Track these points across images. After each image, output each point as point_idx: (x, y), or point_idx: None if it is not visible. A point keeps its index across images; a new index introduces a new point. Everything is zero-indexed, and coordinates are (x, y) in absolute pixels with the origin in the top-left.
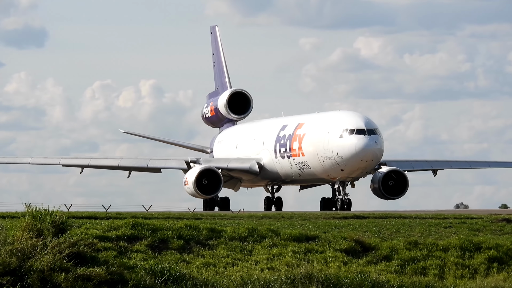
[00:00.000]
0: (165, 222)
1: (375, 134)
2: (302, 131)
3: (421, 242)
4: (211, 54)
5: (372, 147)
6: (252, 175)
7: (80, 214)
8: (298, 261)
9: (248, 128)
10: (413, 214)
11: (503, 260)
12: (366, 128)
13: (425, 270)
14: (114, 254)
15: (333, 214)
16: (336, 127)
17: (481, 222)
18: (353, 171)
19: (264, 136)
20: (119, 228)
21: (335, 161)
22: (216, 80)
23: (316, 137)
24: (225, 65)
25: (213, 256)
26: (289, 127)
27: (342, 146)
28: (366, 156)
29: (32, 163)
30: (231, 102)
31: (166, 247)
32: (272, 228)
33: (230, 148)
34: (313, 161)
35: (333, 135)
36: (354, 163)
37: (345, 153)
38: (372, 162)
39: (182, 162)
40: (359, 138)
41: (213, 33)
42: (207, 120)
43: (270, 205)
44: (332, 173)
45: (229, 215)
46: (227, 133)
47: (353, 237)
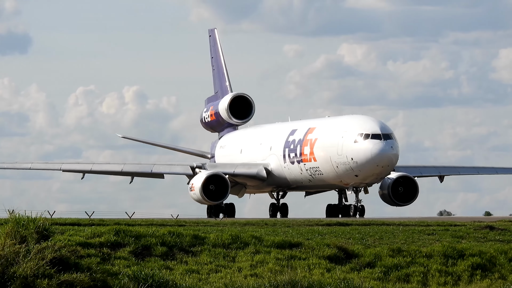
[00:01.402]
0: (148, 228)
1: (390, 139)
2: (314, 136)
3: (405, 249)
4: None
5: (388, 152)
6: (258, 181)
7: (63, 220)
8: (282, 268)
9: (253, 132)
10: (396, 221)
11: (487, 267)
12: (381, 132)
13: (409, 277)
14: (97, 261)
15: (317, 221)
16: (351, 132)
17: (465, 229)
18: (368, 176)
19: (272, 141)
20: (102, 235)
21: (349, 166)
22: (215, 84)
23: (329, 142)
24: (225, 68)
25: (196, 263)
26: (299, 132)
27: (357, 151)
28: (381, 161)
29: (32, 168)
30: (232, 106)
31: (149, 253)
32: (255, 235)
33: (234, 153)
34: (326, 166)
35: (347, 140)
36: (369, 168)
37: (360, 158)
38: (388, 168)
39: (187, 168)
40: (375, 143)
41: (211, 36)
42: (207, 125)
43: (275, 211)
44: (345, 178)
45: (211, 222)
46: (230, 138)
47: (336, 244)
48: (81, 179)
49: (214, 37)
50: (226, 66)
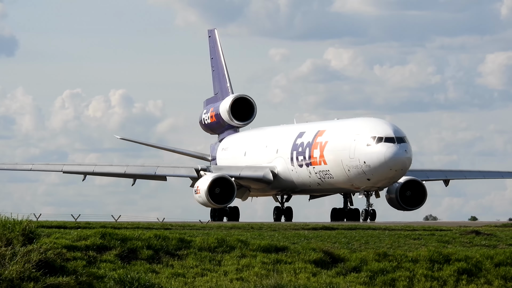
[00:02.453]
0: (134, 232)
1: (404, 142)
2: (324, 139)
3: (390, 254)
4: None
5: (402, 156)
6: (263, 184)
7: (49, 223)
8: (267, 272)
9: (257, 135)
10: (382, 225)
11: (472, 272)
12: (395, 136)
13: (394, 281)
14: (83, 264)
15: (302, 225)
16: (363, 135)
17: (450, 234)
18: (380, 180)
19: (278, 143)
20: (88, 238)
21: (362, 170)
22: (215, 85)
23: (340, 145)
24: (225, 69)
25: (182, 267)
26: (308, 135)
27: (370, 155)
28: (395, 165)
29: (33, 169)
30: (234, 108)
31: (135, 257)
32: (241, 238)
33: (237, 156)
34: (337, 170)
35: (359, 143)
36: (382, 172)
37: (373, 162)
38: (402, 172)
39: (191, 170)
40: (388, 147)
41: (211, 36)
42: (206, 127)
43: (280, 215)
44: (357, 182)
45: (198, 225)
46: (232, 140)
47: (322, 248)
48: (82, 181)
49: (214, 37)
50: (226, 67)
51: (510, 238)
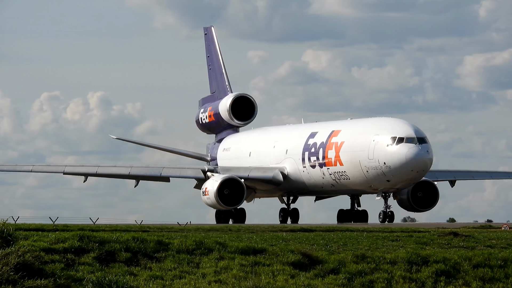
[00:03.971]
0: (112, 234)
1: (425, 142)
2: (340, 139)
3: (369, 256)
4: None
5: (424, 157)
6: (271, 185)
7: (27, 226)
8: (246, 274)
9: (262, 135)
10: (360, 227)
11: (451, 273)
12: (416, 136)
13: (373, 283)
14: (61, 267)
15: (280, 227)
16: (383, 135)
17: (429, 235)
18: (400, 182)
19: (288, 143)
20: (66, 241)
21: (381, 171)
22: (211, 84)
23: (358, 146)
24: (223, 67)
25: (160, 269)
26: (321, 135)
27: (390, 156)
28: (417, 166)
29: (34, 170)
30: (234, 107)
31: (113, 259)
32: (219, 240)
33: (241, 156)
34: (354, 171)
35: (379, 144)
36: (403, 173)
37: (393, 163)
38: (423, 173)
39: (198, 171)
40: (410, 147)
41: (207, 34)
42: (204, 126)
43: (286, 216)
44: (375, 183)
45: (176, 228)
46: (234, 140)
47: (300, 250)
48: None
49: (211, 35)
50: (224, 65)
51: (488, 240)
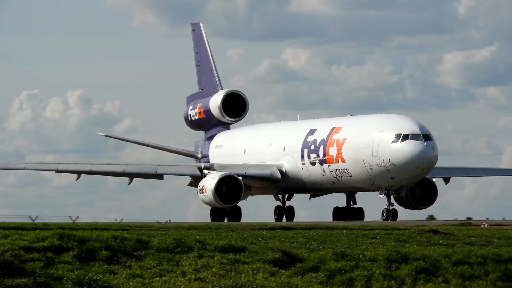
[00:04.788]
0: (92, 233)
1: (431, 139)
2: (341, 136)
3: (348, 253)
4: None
5: (430, 154)
6: (268, 183)
7: (7, 224)
8: (225, 272)
9: (257, 132)
10: (340, 225)
11: (430, 271)
12: (421, 133)
13: (352, 281)
14: (41, 265)
15: (260, 225)
16: (387, 132)
17: (408, 233)
18: (405, 179)
19: (285, 141)
20: (46, 239)
21: (386, 168)
22: (200, 80)
23: (361, 143)
24: (213, 64)
25: (140, 267)
26: (321, 132)
27: (395, 153)
28: (423, 163)
29: (26, 168)
30: (225, 103)
31: (93, 258)
32: (199, 239)
33: (235, 153)
34: (357, 168)
35: (383, 141)
36: (408, 170)
37: (398, 160)
38: (428, 170)
39: (194, 169)
40: (415, 144)
41: (195, 30)
42: (193, 123)
43: (281, 214)
44: (379, 181)
45: (156, 226)
46: (226, 137)
47: (280, 248)
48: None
49: (200, 31)
50: (214, 61)
51: (467, 237)
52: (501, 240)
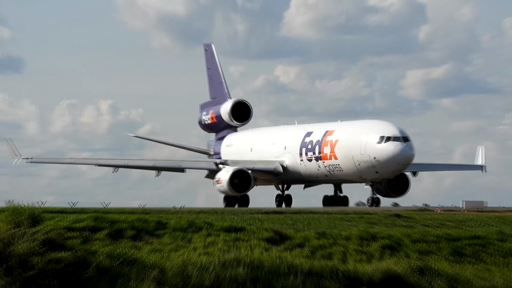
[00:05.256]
0: (121, 216)
1: (409, 141)
2: (334, 138)
3: (328, 233)
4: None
5: (408, 153)
6: (271, 175)
7: (51, 209)
8: (228, 247)
9: (261, 133)
10: (321, 210)
11: (394, 247)
12: (401, 135)
13: (331, 255)
14: (79, 242)
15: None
16: (373, 135)
17: (376, 217)
18: (387, 173)
19: (286, 141)
20: (83, 221)
21: (372, 164)
22: (211, 91)
23: (351, 143)
24: (223, 78)
25: (159, 244)
26: (316, 134)
27: (380, 151)
28: (402, 160)
29: (73, 163)
30: (233, 110)
31: (121, 236)
32: (207, 221)
33: (242, 151)
34: (347, 164)
35: (370, 142)
36: (390, 166)
37: (382, 158)
38: (407, 166)
39: (211, 164)
40: (396, 145)
41: (208, 50)
42: (206, 126)
43: (281, 201)
44: (365, 174)
45: (172, 211)
46: (235, 138)
47: (273, 228)
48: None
49: (211, 51)
50: (224, 76)
51: (424, 220)
52: (452, 223)
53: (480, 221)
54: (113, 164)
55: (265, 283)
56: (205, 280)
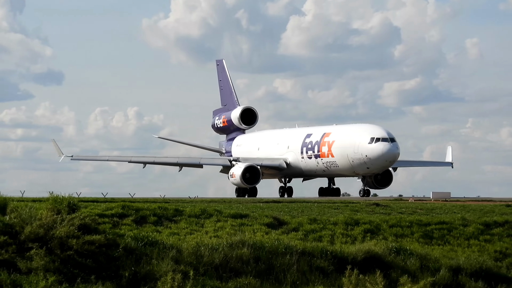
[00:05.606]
0: (144, 204)
1: (395, 141)
2: (331, 139)
3: (318, 219)
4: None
5: (395, 152)
6: (276, 171)
7: (87, 199)
8: (235, 231)
9: (267, 135)
10: (313, 200)
11: (374, 231)
12: (388, 137)
13: (321, 238)
14: (109, 226)
15: (258, 200)
16: (365, 136)
17: (359, 205)
18: (377, 169)
19: (288, 141)
20: (113, 209)
21: (363, 161)
22: (222, 99)
23: (346, 143)
24: (233, 88)
25: (177, 228)
26: (315, 136)
27: (371, 150)
28: (389, 157)
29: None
30: (242, 115)
31: (145, 221)
32: (217, 209)
33: (251, 150)
34: (342, 161)
35: (362, 142)
36: (379, 163)
37: (373, 155)
38: (393, 163)
39: (225, 160)
40: (385, 145)
41: (219, 64)
42: (218, 129)
43: (284, 192)
44: (358, 170)
45: (187, 200)
46: (244, 139)
47: (272, 215)
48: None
49: (223, 65)
50: (233, 86)
51: (399, 208)
52: (422, 210)
53: (446, 209)
54: (142, 161)
55: (265, 262)
56: (215, 259)
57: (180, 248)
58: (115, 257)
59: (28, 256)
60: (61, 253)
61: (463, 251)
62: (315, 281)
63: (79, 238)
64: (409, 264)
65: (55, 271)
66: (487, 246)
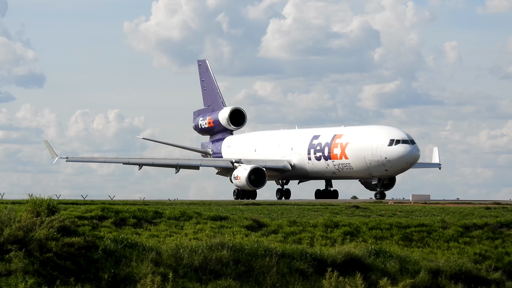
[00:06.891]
0: (124, 207)
1: (415, 143)
2: (344, 140)
3: (298, 221)
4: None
5: (416, 153)
6: (278, 172)
7: (66, 201)
8: (215, 233)
9: (263, 136)
10: (292, 202)
11: (354, 233)
12: (409, 139)
13: (301, 240)
14: (89, 229)
15: (238, 202)
16: (384, 138)
17: (339, 208)
18: (396, 171)
19: (292, 143)
20: (92, 211)
21: (382, 163)
22: (205, 99)
23: (362, 145)
24: (218, 88)
25: (156, 230)
26: (324, 137)
27: (390, 152)
28: (410, 160)
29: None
30: (231, 116)
31: (124, 223)
32: (197, 211)
33: (246, 152)
34: (358, 163)
35: (381, 144)
36: (399, 165)
37: (393, 158)
38: (413, 165)
39: (227, 162)
40: (405, 147)
41: (202, 65)
42: (203, 130)
43: (281, 195)
44: (375, 172)
45: (167, 202)
46: (236, 140)
47: (252, 217)
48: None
49: (206, 65)
50: (218, 86)
51: (379, 211)
52: (402, 213)
53: (426, 212)
54: (139, 162)
55: (245, 264)
56: (195, 261)
57: (160, 250)
58: (94, 259)
59: (7, 258)
60: (40, 255)
61: (442, 253)
62: (294, 283)
63: (59, 240)
64: (389, 266)
65: (34, 273)
66: (466, 249)
